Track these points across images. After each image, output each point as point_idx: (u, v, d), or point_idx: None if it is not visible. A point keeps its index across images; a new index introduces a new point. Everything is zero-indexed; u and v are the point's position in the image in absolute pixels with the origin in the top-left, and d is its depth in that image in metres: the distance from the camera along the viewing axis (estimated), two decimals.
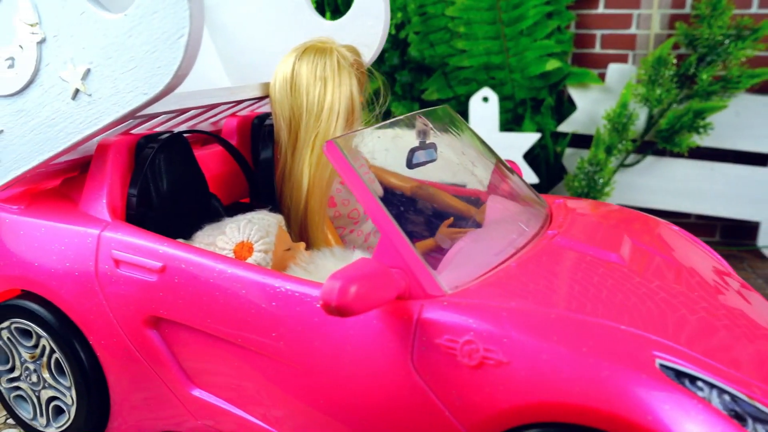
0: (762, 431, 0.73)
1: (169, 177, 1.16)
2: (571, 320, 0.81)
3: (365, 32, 1.41)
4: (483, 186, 1.20)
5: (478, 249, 1.02)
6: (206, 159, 1.29)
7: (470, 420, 0.81)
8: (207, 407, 1.04)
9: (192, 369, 1.05)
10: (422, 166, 1.13)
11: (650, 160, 2.43)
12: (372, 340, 0.88)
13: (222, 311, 0.97)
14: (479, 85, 2.48)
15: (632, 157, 2.42)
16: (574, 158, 2.48)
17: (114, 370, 1.09)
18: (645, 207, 2.41)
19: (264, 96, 1.30)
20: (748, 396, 0.74)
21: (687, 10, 2.42)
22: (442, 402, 0.83)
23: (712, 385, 0.75)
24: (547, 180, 2.50)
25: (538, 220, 1.12)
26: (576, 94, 2.49)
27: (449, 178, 1.23)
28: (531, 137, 2.32)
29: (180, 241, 1.04)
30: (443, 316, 0.84)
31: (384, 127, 1.05)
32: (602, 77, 2.53)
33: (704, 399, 0.73)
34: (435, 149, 1.14)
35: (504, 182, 1.20)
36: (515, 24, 2.45)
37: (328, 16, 2.38)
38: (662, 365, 0.76)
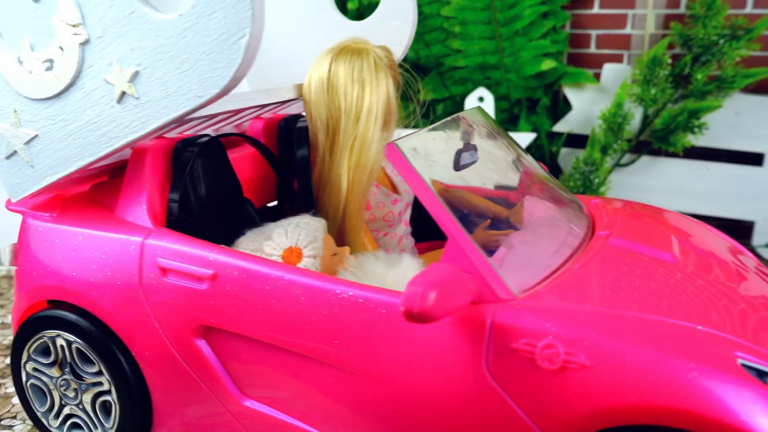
0: None
1: (207, 182, 1.13)
2: (651, 322, 0.81)
3: (393, 33, 1.39)
4: (516, 187, 1.19)
5: (531, 251, 1.01)
6: (234, 163, 1.26)
7: (550, 424, 0.81)
8: (260, 418, 1.01)
9: (243, 379, 1.02)
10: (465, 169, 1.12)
11: (645, 160, 2.45)
12: (443, 346, 0.86)
13: (279, 319, 0.95)
14: (475, 85, 2.48)
15: (627, 157, 2.45)
16: (570, 158, 2.49)
17: (158, 382, 1.06)
18: None
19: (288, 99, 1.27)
20: None
21: (682, 10, 2.45)
22: (520, 406, 0.82)
23: None
24: None
25: (582, 221, 1.12)
26: (571, 94, 2.50)
27: (483, 180, 1.22)
28: (526, 137, 2.33)
29: (230, 248, 1.01)
30: (519, 320, 0.83)
31: (437, 129, 1.04)
32: (597, 77, 2.55)
33: None
34: (476, 150, 1.13)
35: (538, 183, 1.19)
36: (511, 24, 2.45)
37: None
38: (744, 365, 0.76)
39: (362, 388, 0.92)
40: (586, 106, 2.49)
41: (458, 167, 1.10)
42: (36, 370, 1.14)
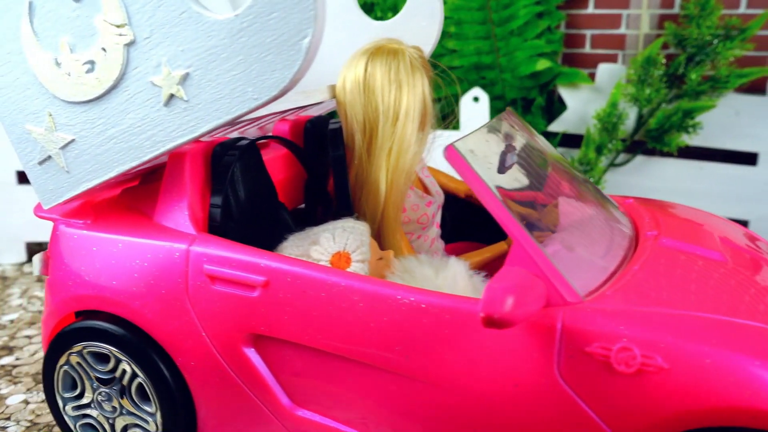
0: None
1: (246, 186, 1.10)
2: (724, 323, 0.81)
3: (419, 33, 1.38)
4: (549, 188, 1.19)
5: (584, 253, 1.00)
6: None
7: (626, 428, 0.80)
8: (314, 428, 0.99)
9: (295, 388, 0.99)
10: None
11: (640, 160, 2.47)
12: (511, 350, 0.85)
13: (335, 326, 0.93)
14: (470, 85, 2.48)
15: (622, 157, 2.46)
16: (565, 158, 2.51)
17: (204, 393, 1.03)
18: None
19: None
20: None
21: (676, 10, 2.47)
22: (594, 411, 0.81)
23: None
24: None
25: (624, 221, 1.12)
26: (566, 94, 2.52)
27: (518, 182, 1.21)
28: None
29: (281, 254, 0.99)
30: (591, 324, 0.82)
31: (490, 130, 1.03)
32: (592, 77, 2.57)
33: None
34: (516, 152, 1.12)
35: (573, 183, 1.19)
36: (506, 24, 2.46)
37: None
38: None
39: (425, 395, 0.90)
40: (581, 106, 2.50)
41: (503, 169, 1.09)
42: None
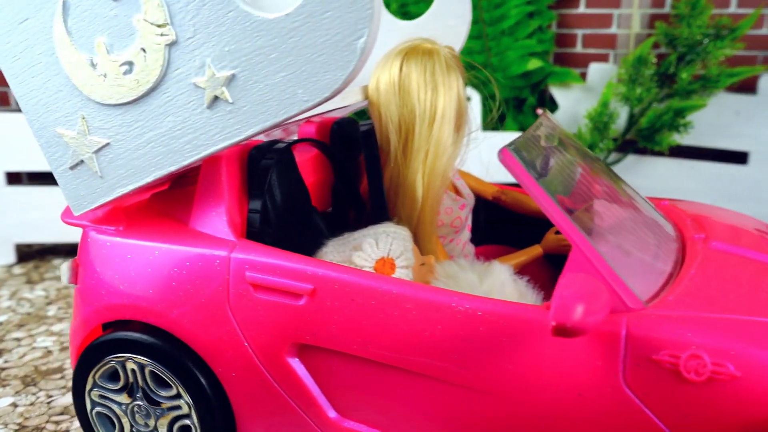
0: None
1: (281, 190, 1.07)
2: None
3: (447, 32, 1.36)
4: (594, 189, 1.17)
5: (635, 257, 0.98)
6: None
7: None
8: None
9: (342, 399, 0.97)
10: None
11: (631, 159, 2.47)
12: (573, 359, 0.83)
13: (387, 334, 0.90)
14: None
15: (613, 156, 2.46)
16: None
17: (245, 405, 1.00)
18: None
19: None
20: None
21: (667, 10, 2.49)
22: (662, 420, 0.80)
23: None
24: None
25: (667, 224, 1.10)
26: (558, 94, 2.52)
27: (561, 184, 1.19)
28: (514, 136, 2.33)
29: (327, 261, 0.96)
30: (657, 331, 0.80)
31: (537, 132, 1.00)
32: (583, 76, 2.57)
33: None
34: (556, 153, 1.10)
35: (612, 184, 1.17)
36: (497, 23, 2.45)
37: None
38: None
39: (482, 406, 0.88)
40: (573, 106, 2.50)
41: (546, 171, 1.06)
42: (103, 398, 1.07)
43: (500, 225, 1.45)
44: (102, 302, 1.02)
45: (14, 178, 1.83)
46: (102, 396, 1.07)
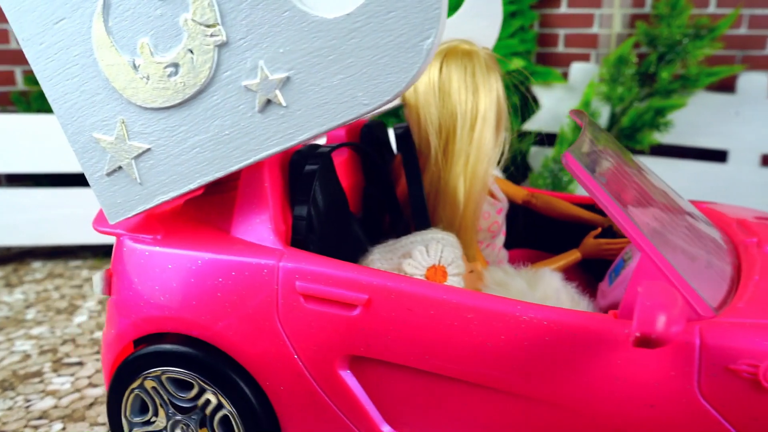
0: None
1: (324, 196, 1.04)
2: None
3: (478, 33, 1.33)
4: (642, 192, 1.15)
5: (699, 262, 0.96)
6: None
7: None
8: None
9: (396, 412, 0.93)
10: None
11: None
12: (644, 369, 0.81)
13: (447, 345, 0.87)
14: None
15: None
16: (539, 157, 2.52)
17: (295, 419, 0.96)
18: None
19: None
20: None
21: (647, 10, 2.51)
22: (740, 431, 0.78)
23: None
24: (512, 178, 2.53)
25: (714, 228, 1.08)
26: (540, 93, 2.52)
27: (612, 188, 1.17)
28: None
29: (380, 270, 0.93)
30: (732, 339, 0.78)
31: (594, 134, 0.98)
32: (565, 76, 2.58)
33: None
34: (604, 156, 1.08)
35: (658, 187, 1.15)
36: None
37: None
38: None
39: (548, 418, 0.85)
40: (555, 105, 2.51)
41: (593, 171, 1.04)
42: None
43: (531, 229, 1.42)
44: (140, 314, 0.98)
45: None
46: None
